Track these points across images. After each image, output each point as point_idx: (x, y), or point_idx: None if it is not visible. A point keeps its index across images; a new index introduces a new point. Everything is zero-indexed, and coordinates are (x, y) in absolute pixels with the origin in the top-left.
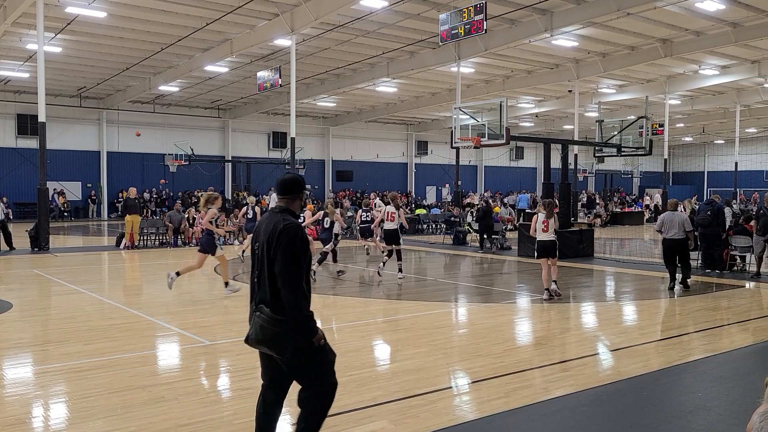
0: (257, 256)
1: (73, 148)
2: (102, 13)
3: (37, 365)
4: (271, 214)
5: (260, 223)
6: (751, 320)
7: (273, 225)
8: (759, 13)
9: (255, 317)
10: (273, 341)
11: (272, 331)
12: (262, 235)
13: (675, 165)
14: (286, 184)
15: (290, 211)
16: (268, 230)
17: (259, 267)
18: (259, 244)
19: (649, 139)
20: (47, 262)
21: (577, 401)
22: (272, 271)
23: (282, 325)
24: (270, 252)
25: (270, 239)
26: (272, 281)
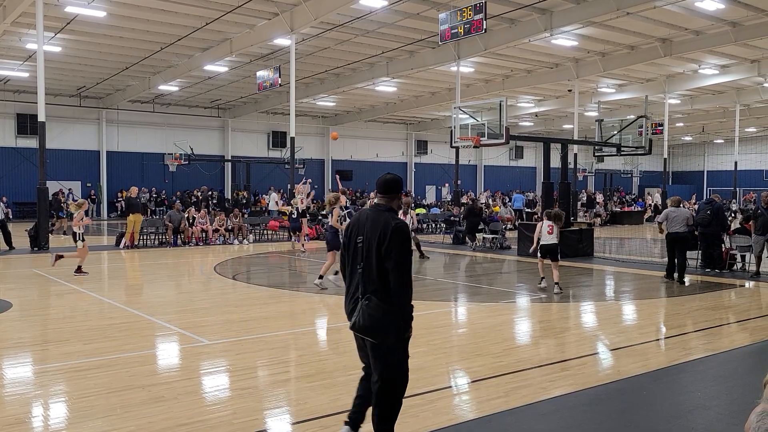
0: (360, 250)
1: (72, 147)
2: (101, 13)
3: (37, 365)
4: (375, 212)
5: (360, 219)
6: (750, 320)
7: (382, 222)
8: (758, 13)
9: (362, 306)
10: (379, 328)
11: (379, 319)
12: (369, 231)
13: (675, 164)
14: (387, 185)
15: (392, 209)
16: (377, 227)
17: (364, 260)
18: (362, 238)
19: (649, 138)
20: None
21: (577, 401)
22: (381, 265)
23: (389, 314)
24: (380, 247)
25: (381, 236)
26: (380, 273)
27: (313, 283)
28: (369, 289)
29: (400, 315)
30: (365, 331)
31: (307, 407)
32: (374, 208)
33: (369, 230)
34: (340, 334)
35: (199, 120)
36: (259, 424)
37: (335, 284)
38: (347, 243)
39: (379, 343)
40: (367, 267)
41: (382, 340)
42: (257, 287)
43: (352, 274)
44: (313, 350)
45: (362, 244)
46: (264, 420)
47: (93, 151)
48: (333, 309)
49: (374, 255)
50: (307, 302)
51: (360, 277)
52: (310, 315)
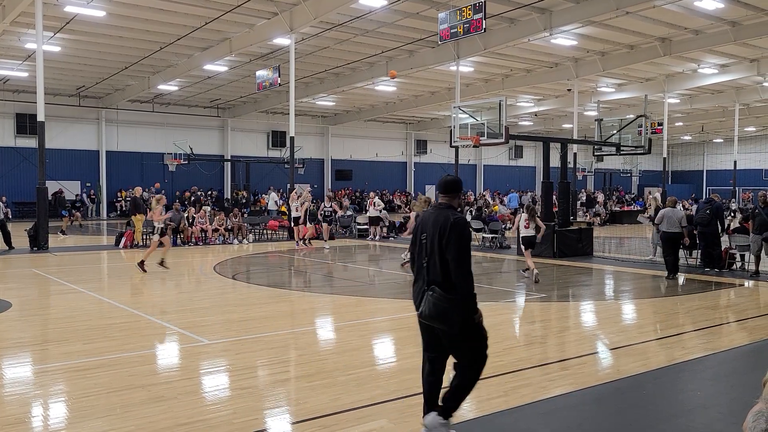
0: (425, 245)
1: (72, 147)
2: (101, 12)
3: (37, 364)
4: (438, 210)
5: (425, 217)
6: (749, 319)
7: (443, 219)
8: (758, 12)
9: (427, 296)
10: (444, 316)
11: (444, 308)
12: (431, 228)
13: (674, 164)
14: (447, 185)
15: (453, 207)
16: (438, 223)
17: (428, 254)
18: (426, 235)
19: (648, 138)
20: (46, 262)
21: (577, 400)
22: (444, 257)
23: (452, 302)
24: (442, 241)
25: (442, 231)
26: (443, 265)
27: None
28: (433, 281)
29: (463, 302)
30: (431, 319)
31: (307, 407)
32: (437, 207)
33: (431, 227)
34: (338, 334)
35: (198, 120)
36: (259, 423)
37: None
38: (414, 240)
39: (446, 330)
40: (431, 260)
41: (448, 327)
42: (257, 287)
43: (419, 267)
44: (312, 350)
45: (426, 240)
46: (264, 419)
47: (92, 151)
48: (333, 309)
49: (437, 249)
50: (307, 302)
51: (425, 270)
52: (310, 314)
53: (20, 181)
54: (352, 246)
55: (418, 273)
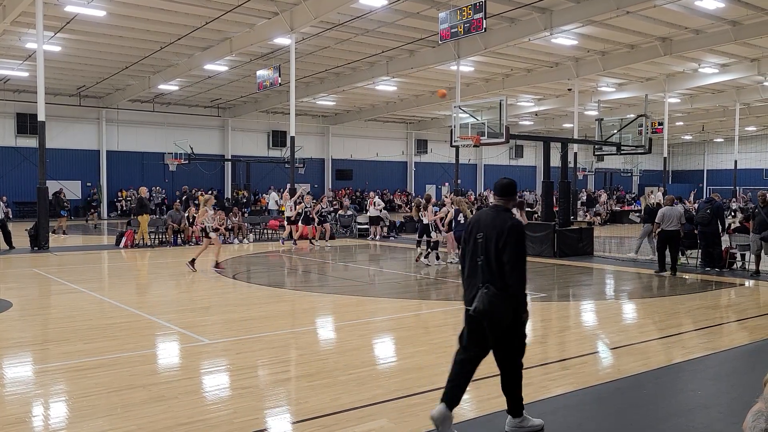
0: (480, 245)
1: (72, 147)
2: (101, 12)
3: (37, 364)
4: (494, 211)
5: (479, 218)
6: (750, 318)
7: (500, 221)
8: (758, 12)
9: (482, 293)
10: (496, 313)
11: (497, 305)
12: (487, 229)
13: (675, 163)
14: (504, 188)
15: (509, 209)
16: (495, 225)
17: (483, 254)
18: (482, 235)
19: (649, 137)
20: (47, 261)
21: (577, 399)
22: (499, 258)
23: (505, 300)
24: (498, 243)
25: (499, 233)
26: (498, 265)
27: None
28: (487, 279)
29: (516, 300)
30: (484, 315)
31: (307, 406)
32: (493, 208)
33: (488, 228)
34: (339, 334)
35: (199, 119)
36: (260, 423)
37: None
38: (468, 238)
39: (497, 326)
40: (486, 259)
41: (498, 323)
42: (257, 286)
43: (472, 265)
44: (313, 349)
45: (482, 240)
46: (264, 419)
47: (93, 151)
48: (333, 308)
49: (493, 249)
50: (307, 301)
51: (480, 268)
52: (311, 314)
53: (21, 180)
54: (353, 246)
55: (472, 270)
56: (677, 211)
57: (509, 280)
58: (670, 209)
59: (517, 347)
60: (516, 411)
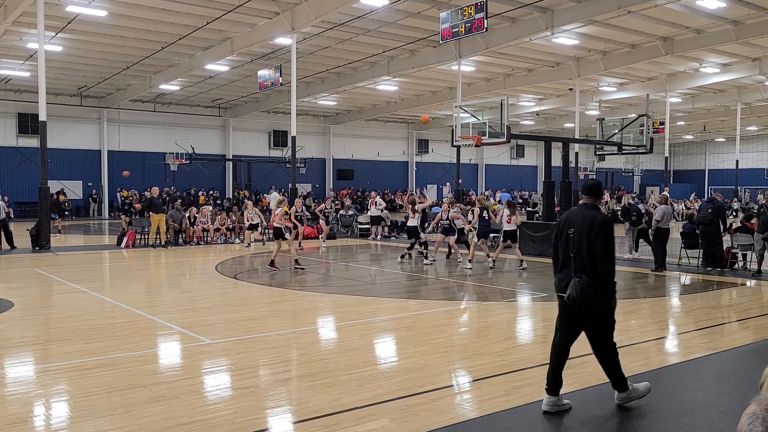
0: (572, 239)
1: (73, 147)
2: (102, 12)
3: (39, 364)
4: (584, 209)
5: (570, 215)
6: (751, 318)
7: (591, 217)
8: (760, 11)
9: (575, 282)
10: (590, 300)
11: (590, 293)
12: (578, 225)
13: (676, 163)
14: (592, 188)
15: (597, 206)
16: (586, 221)
17: (576, 246)
18: (573, 230)
19: (650, 137)
20: (48, 261)
21: (579, 399)
22: (591, 249)
23: (597, 288)
24: (590, 236)
25: (590, 227)
26: (590, 256)
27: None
28: (580, 269)
29: (606, 288)
30: (577, 302)
31: (308, 406)
32: (582, 206)
33: (579, 223)
34: (340, 334)
35: (200, 119)
36: (261, 423)
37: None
38: (559, 234)
39: (590, 312)
40: (579, 252)
41: (591, 309)
42: (259, 286)
43: (565, 257)
44: (314, 349)
45: (573, 235)
46: (265, 419)
47: (94, 151)
48: (334, 308)
49: (585, 242)
50: (308, 301)
51: (573, 260)
52: (311, 314)
53: (22, 180)
54: (354, 245)
55: (564, 262)
56: (670, 210)
57: (600, 269)
58: (666, 208)
59: (607, 330)
60: (620, 386)
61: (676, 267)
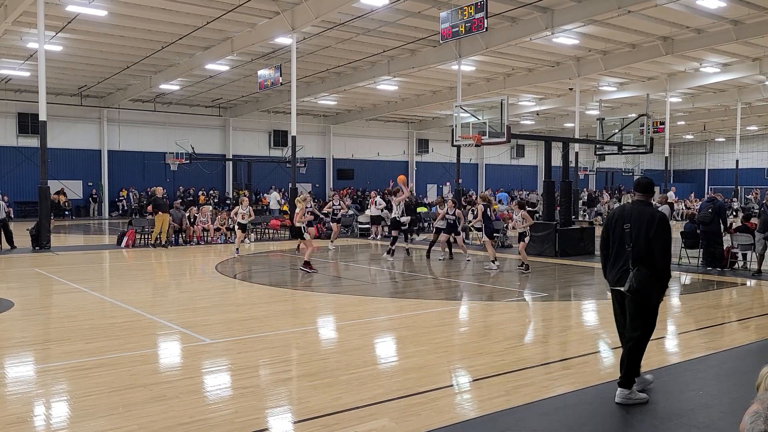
0: (629, 234)
1: (74, 146)
2: (102, 12)
3: (39, 364)
4: (639, 206)
5: (623, 211)
6: (752, 318)
7: (649, 214)
8: (760, 11)
9: (633, 274)
10: (646, 290)
11: (647, 284)
12: (634, 220)
13: (676, 163)
14: (646, 186)
15: (651, 204)
16: (644, 217)
17: (633, 240)
18: (629, 225)
19: (650, 137)
20: (48, 261)
21: (579, 399)
22: (649, 244)
23: (653, 279)
24: (649, 232)
25: (649, 223)
26: (647, 250)
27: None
28: (637, 262)
29: (662, 280)
30: (636, 292)
31: (308, 406)
32: (636, 203)
33: (635, 219)
34: (340, 333)
35: (200, 119)
36: (261, 423)
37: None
38: (613, 229)
39: (645, 301)
40: (636, 246)
41: (647, 299)
42: (259, 286)
43: (620, 252)
44: (314, 349)
45: (629, 230)
46: (265, 419)
47: (94, 151)
48: (334, 308)
49: (642, 237)
50: (308, 301)
51: (629, 253)
52: (312, 314)
53: (22, 180)
54: (354, 245)
55: (620, 256)
56: (668, 209)
57: (658, 262)
58: (666, 208)
59: (650, 321)
60: (627, 382)
61: (676, 267)
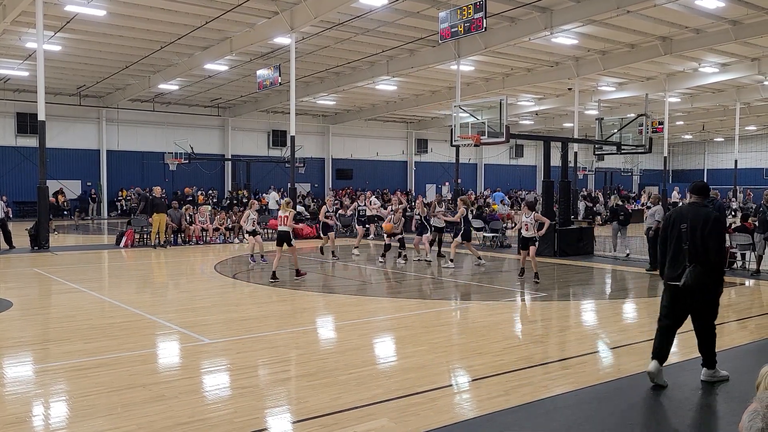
0: (684, 233)
1: (72, 146)
2: (101, 12)
3: (38, 364)
4: (695, 207)
5: (680, 212)
6: (751, 318)
7: (705, 214)
8: (759, 11)
9: (689, 270)
10: (704, 286)
11: (704, 280)
12: (691, 220)
13: (675, 163)
14: (702, 189)
15: (706, 205)
16: (699, 217)
17: (689, 239)
18: (686, 225)
19: (649, 137)
20: (47, 261)
21: (578, 399)
22: (705, 242)
23: (710, 276)
24: (704, 231)
25: (704, 223)
26: (704, 248)
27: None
28: (694, 259)
29: (717, 276)
30: (692, 288)
31: (307, 406)
32: (692, 204)
33: (692, 219)
34: (339, 333)
35: (199, 119)
36: (260, 422)
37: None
38: (671, 228)
39: (703, 296)
40: (692, 244)
41: (704, 293)
42: (258, 286)
43: (677, 250)
44: (313, 349)
45: (686, 230)
46: (264, 419)
47: (93, 150)
48: (333, 308)
49: (698, 236)
50: (307, 301)
51: (686, 251)
52: (311, 314)
53: (21, 180)
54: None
55: (677, 253)
56: (661, 210)
57: (713, 259)
58: (659, 208)
59: (713, 313)
60: (710, 363)
61: None
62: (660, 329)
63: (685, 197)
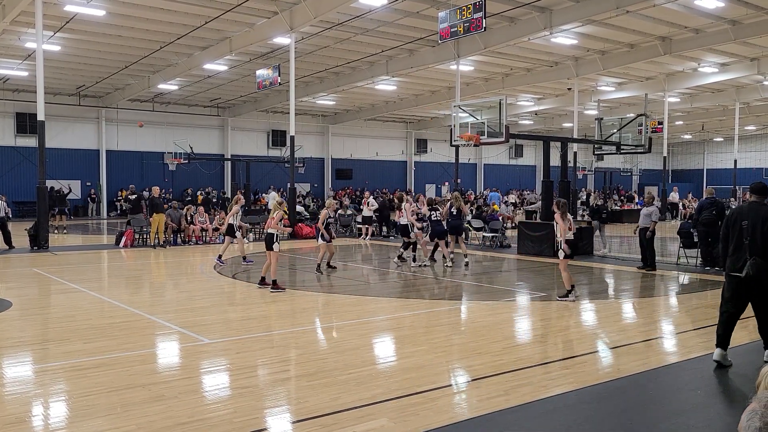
0: (746, 230)
1: (72, 146)
2: (101, 12)
3: (37, 364)
4: (756, 205)
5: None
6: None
7: (765, 212)
8: (758, 11)
9: (751, 262)
10: (764, 277)
11: (764, 271)
12: (752, 218)
13: (674, 163)
14: (762, 189)
15: (765, 204)
16: (760, 215)
17: (750, 235)
18: (747, 222)
19: (649, 136)
20: (47, 261)
21: (577, 399)
22: (763, 238)
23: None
24: (764, 227)
25: (764, 220)
26: (763, 243)
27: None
28: (754, 253)
29: None
30: (753, 279)
31: (307, 406)
32: (752, 203)
33: (753, 217)
34: (339, 333)
35: (198, 119)
36: (259, 422)
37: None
38: (732, 225)
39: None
40: (753, 239)
41: (764, 283)
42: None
43: (738, 244)
44: (312, 349)
45: (747, 226)
46: (264, 419)
47: (92, 150)
48: (333, 308)
49: (759, 232)
50: (306, 301)
51: (747, 245)
52: (310, 314)
53: (20, 180)
54: (352, 245)
55: (739, 248)
56: (655, 209)
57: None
58: (654, 208)
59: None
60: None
61: (674, 266)
62: (723, 317)
63: (687, 197)
